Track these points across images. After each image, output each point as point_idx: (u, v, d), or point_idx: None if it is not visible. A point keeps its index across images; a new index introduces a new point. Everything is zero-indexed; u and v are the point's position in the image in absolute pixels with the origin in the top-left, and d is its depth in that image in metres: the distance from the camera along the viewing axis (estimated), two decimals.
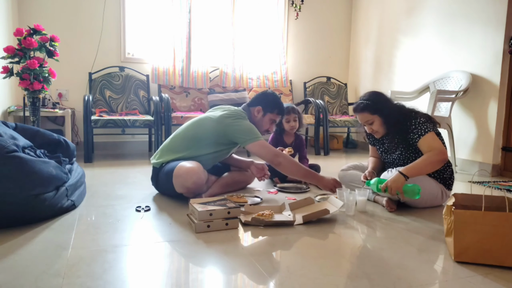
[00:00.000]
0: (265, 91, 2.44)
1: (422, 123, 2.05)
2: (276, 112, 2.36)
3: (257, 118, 2.34)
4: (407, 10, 4.21)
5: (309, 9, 4.93)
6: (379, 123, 2.12)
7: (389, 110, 2.11)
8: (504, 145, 3.29)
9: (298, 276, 1.27)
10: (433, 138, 2.03)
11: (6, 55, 2.78)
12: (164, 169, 2.14)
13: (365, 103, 2.11)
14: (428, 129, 2.03)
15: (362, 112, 2.13)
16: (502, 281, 1.27)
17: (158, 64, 4.16)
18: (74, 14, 3.95)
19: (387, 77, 4.55)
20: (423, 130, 2.03)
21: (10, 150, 1.63)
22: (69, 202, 1.90)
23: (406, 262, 1.41)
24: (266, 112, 2.34)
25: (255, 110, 2.34)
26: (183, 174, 1.99)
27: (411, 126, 2.06)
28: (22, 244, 1.48)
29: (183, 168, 2.00)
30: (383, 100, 2.14)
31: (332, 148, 4.76)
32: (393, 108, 2.13)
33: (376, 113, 2.10)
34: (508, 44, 3.16)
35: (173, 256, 1.41)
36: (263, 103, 2.34)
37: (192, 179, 1.97)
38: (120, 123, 3.47)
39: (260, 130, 2.33)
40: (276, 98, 2.38)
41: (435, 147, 2.00)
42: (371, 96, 2.14)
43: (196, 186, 2.00)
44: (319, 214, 1.82)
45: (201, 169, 2.04)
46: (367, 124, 2.15)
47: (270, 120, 2.36)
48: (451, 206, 1.45)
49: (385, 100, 2.15)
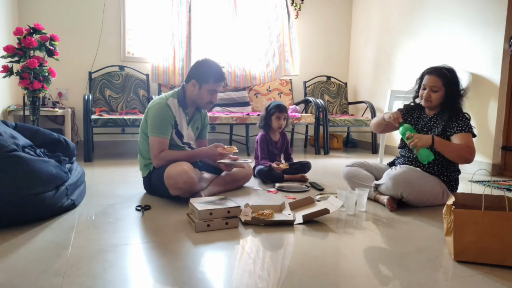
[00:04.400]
0: (197, 61, 2.25)
1: (468, 121, 2.11)
2: (213, 81, 2.17)
3: (194, 92, 2.20)
4: (407, 10, 4.21)
5: (309, 9, 4.93)
6: (440, 96, 2.14)
7: (456, 93, 2.14)
8: (504, 144, 3.29)
9: (298, 275, 1.27)
10: (471, 139, 2.08)
11: (6, 54, 2.78)
12: (154, 175, 2.17)
13: (445, 72, 2.14)
14: (471, 130, 2.09)
15: (437, 77, 2.13)
16: (502, 281, 1.28)
17: (158, 63, 4.16)
18: (74, 13, 3.95)
19: (387, 76, 4.55)
20: (466, 127, 2.08)
21: (10, 149, 1.62)
22: (69, 202, 1.90)
23: (406, 261, 1.41)
24: (201, 84, 2.18)
25: (190, 85, 2.20)
26: (173, 176, 2.00)
27: (458, 117, 2.10)
28: (22, 243, 1.48)
29: (172, 170, 2.02)
30: (458, 82, 2.17)
31: (332, 147, 4.76)
32: (459, 94, 2.16)
33: (447, 86, 2.13)
34: (508, 43, 3.16)
35: (173, 255, 1.41)
36: (196, 75, 2.18)
37: (182, 179, 1.98)
38: (120, 122, 3.47)
39: (202, 104, 2.25)
40: (210, 66, 2.20)
41: (470, 146, 2.05)
42: (453, 72, 2.17)
43: (188, 185, 2.00)
44: (319, 214, 1.82)
45: (190, 168, 2.05)
46: (431, 88, 2.15)
47: (208, 91, 2.20)
48: (451, 205, 1.45)
49: (459, 84, 2.17)
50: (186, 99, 2.26)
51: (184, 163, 2.07)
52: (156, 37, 4.14)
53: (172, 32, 4.18)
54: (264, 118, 2.89)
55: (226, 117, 3.88)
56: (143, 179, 2.29)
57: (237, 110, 4.31)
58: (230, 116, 3.91)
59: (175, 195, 2.06)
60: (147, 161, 2.24)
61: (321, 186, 2.60)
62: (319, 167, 3.40)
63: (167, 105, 2.17)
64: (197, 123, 2.39)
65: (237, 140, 4.51)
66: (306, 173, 2.84)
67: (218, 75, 2.20)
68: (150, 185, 2.24)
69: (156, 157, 2.13)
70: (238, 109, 4.35)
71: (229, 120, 3.89)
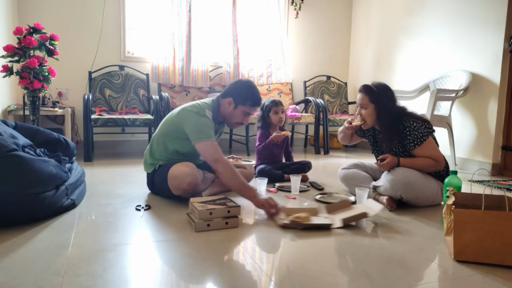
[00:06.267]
0: (239, 81, 2.25)
1: (417, 129, 2.06)
2: (249, 105, 2.15)
3: (228, 110, 2.17)
4: (407, 9, 4.21)
5: (310, 8, 4.93)
6: (370, 113, 2.16)
7: (386, 109, 2.13)
8: (504, 144, 3.29)
9: (298, 275, 1.27)
10: (431, 147, 2.07)
11: (6, 54, 2.77)
12: (157, 173, 2.16)
13: (371, 88, 2.15)
14: (424, 136, 2.06)
15: (364, 94, 2.18)
16: (501, 280, 1.28)
17: (158, 63, 4.15)
18: (74, 13, 3.94)
19: (387, 76, 4.55)
20: (419, 139, 2.06)
21: (10, 149, 1.63)
22: (69, 201, 1.90)
23: (406, 261, 1.41)
24: (237, 105, 2.15)
25: (226, 101, 2.16)
26: (177, 177, 1.99)
27: (405, 131, 2.08)
28: (22, 243, 1.48)
29: (177, 170, 2.01)
30: (388, 97, 2.16)
31: (332, 147, 4.76)
32: (391, 109, 2.14)
33: (374, 103, 2.14)
34: (508, 43, 3.16)
35: (173, 255, 1.41)
36: (234, 94, 2.15)
37: (186, 181, 1.98)
38: (120, 122, 3.47)
39: (232, 123, 2.22)
40: (250, 88, 2.17)
41: (435, 157, 2.05)
42: (380, 87, 2.17)
43: (192, 187, 2.00)
44: (359, 217, 1.79)
45: (195, 169, 2.04)
46: (361, 106, 2.20)
47: (242, 113, 2.17)
48: (451, 205, 1.46)
49: (390, 98, 2.16)
50: (219, 114, 2.21)
51: (188, 163, 2.06)
52: (156, 37, 4.14)
53: (172, 32, 4.18)
54: (261, 117, 2.88)
55: None
56: (147, 175, 2.26)
57: None
58: None
59: (177, 194, 2.06)
60: (155, 161, 2.21)
61: (321, 186, 2.60)
62: (319, 167, 3.41)
63: (207, 117, 2.10)
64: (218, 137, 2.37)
65: (237, 140, 4.51)
66: (307, 173, 2.84)
67: (257, 100, 2.18)
68: (153, 182, 2.22)
69: (219, 160, 1.96)
70: None
71: None
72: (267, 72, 4.64)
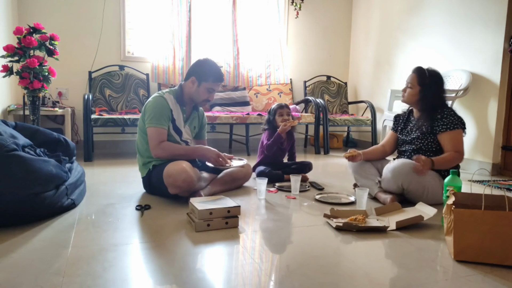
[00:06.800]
0: (198, 60, 2.31)
1: (452, 115, 2.13)
2: (212, 80, 2.24)
3: (193, 89, 2.26)
4: (408, 9, 4.20)
5: (309, 8, 4.93)
6: (414, 93, 2.23)
7: (430, 94, 2.19)
8: (504, 144, 3.29)
9: (298, 275, 1.27)
10: (460, 138, 2.13)
11: (6, 54, 2.77)
12: (153, 173, 2.18)
13: (423, 72, 2.22)
14: (457, 125, 2.12)
15: (414, 74, 2.25)
16: (502, 280, 1.28)
17: (158, 62, 4.15)
18: (74, 13, 3.94)
19: (387, 76, 4.55)
20: (452, 125, 2.11)
21: (10, 149, 1.62)
22: (69, 201, 1.90)
23: (406, 261, 1.41)
24: (200, 82, 2.24)
25: (189, 81, 2.26)
26: (172, 174, 2.01)
27: (443, 114, 2.14)
28: (22, 242, 1.48)
29: (172, 168, 2.03)
30: (437, 84, 2.21)
31: (332, 147, 4.76)
32: (435, 96, 2.20)
33: (421, 85, 2.20)
34: (508, 43, 3.16)
35: (173, 255, 1.41)
36: (196, 73, 2.25)
37: (181, 178, 1.99)
38: (120, 122, 3.47)
39: (199, 101, 2.30)
40: (210, 65, 2.27)
41: (460, 150, 2.11)
42: (433, 73, 2.23)
43: (187, 184, 2.01)
44: (413, 221, 1.77)
45: (189, 167, 2.05)
46: (408, 84, 2.26)
47: (206, 90, 2.25)
48: (451, 205, 1.46)
49: (438, 86, 2.21)
50: (184, 96, 2.29)
51: (184, 162, 2.08)
52: (156, 37, 4.14)
53: (172, 32, 4.18)
54: (268, 120, 2.89)
55: (226, 116, 3.88)
56: (143, 179, 2.29)
57: (237, 110, 4.31)
58: (230, 116, 3.90)
59: (174, 193, 2.06)
60: (145, 160, 2.25)
61: (321, 185, 2.60)
62: (319, 167, 3.40)
63: (163, 98, 2.22)
64: (194, 122, 2.41)
65: (237, 140, 4.51)
66: (307, 173, 2.84)
67: (218, 75, 2.27)
68: (150, 184, 2.24)
69: (156, 147, 2.13)
70: (238, 108, 4.35)
71: (229, 120, 3.89)
72: (266, 72, 4.64)
